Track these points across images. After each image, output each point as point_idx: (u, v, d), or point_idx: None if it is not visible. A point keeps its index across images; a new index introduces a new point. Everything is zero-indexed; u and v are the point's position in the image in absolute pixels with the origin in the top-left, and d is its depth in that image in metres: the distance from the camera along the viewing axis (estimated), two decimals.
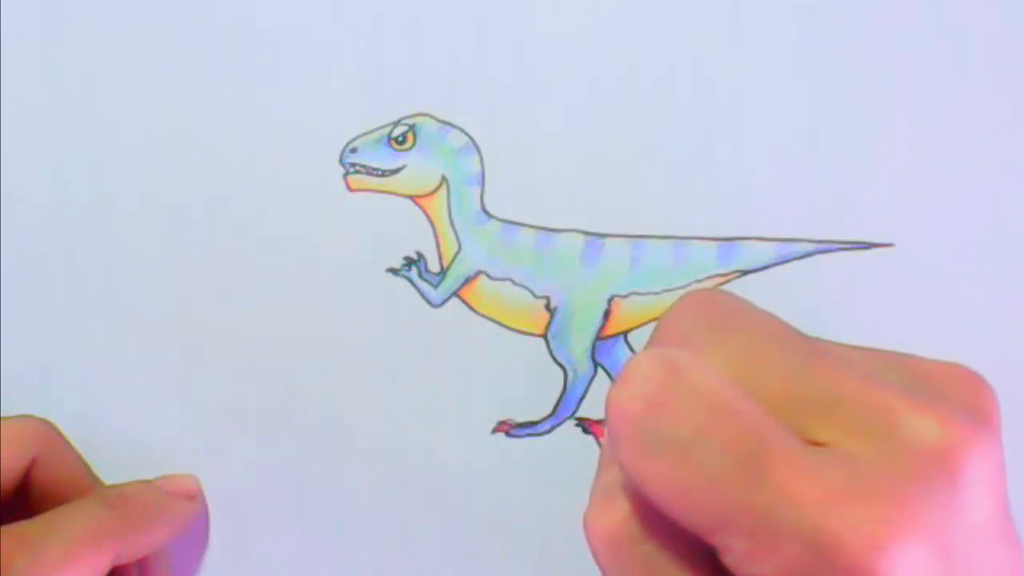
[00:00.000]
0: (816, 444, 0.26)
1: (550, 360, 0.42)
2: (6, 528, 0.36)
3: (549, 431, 0.42)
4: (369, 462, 0.43)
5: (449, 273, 0.42)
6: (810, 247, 0.41)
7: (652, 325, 0.41)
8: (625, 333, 0.42)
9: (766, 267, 0.42)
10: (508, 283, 0.42)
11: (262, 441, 0.43)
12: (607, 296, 0.42)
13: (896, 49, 0.41)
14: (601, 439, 0.42)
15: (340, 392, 0.43)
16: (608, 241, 0.42)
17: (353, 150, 0.42)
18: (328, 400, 0.43)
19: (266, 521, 0.43)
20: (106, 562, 0.37)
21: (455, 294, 0.42)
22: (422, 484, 0.43)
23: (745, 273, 0.42)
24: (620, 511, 0.28)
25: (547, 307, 0.42)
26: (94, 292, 0.43)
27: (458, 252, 0.42)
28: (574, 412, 0.42)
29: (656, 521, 0.27)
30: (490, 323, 0.42)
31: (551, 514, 0.42)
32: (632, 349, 0.42)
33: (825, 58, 0.41)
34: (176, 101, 0.43)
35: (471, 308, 0.42)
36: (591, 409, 0.43)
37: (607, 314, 0.42)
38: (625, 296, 0.42)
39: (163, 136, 0.43)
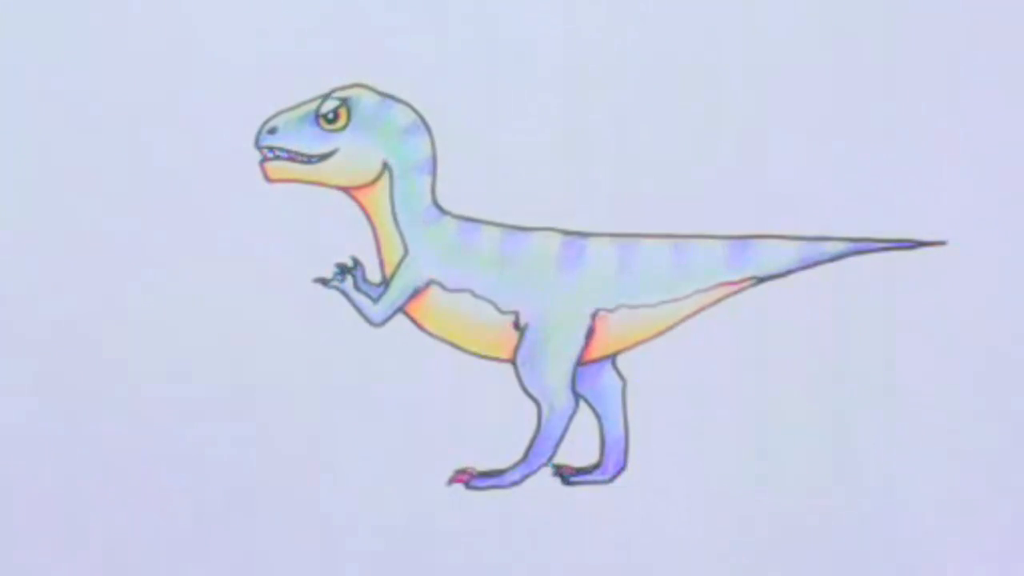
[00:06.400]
0: None
1: (520, 391, 0.41)
2: None
3: (520, 481, 0.41)
4: (292, 520, 0.41)
5: (393, 284, 0.40)
6: (842, 247, 0.40)
7: (646, 347, 0.41)
8: (613, 356, 0.41)
9: (787, 272, 0.40)
10: (467, 295, 0.40)
11: (156, 495, 0.41)
12: (590, 310, 0.40)
13: (949, 24, 0.41)
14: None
15: (255, 433, 0.41)
16: (591, 242, 0.40)
17: (272, 131, 0.40)
18: (241, 444, 0.41)
19: None
20: None
21: (400, 310, 0.41)
22: (360, 546, 0.41)
23: (761, 280, 0.40)
24: None
25: (516, 325, 0.41)
26: None
27: (404, 257, 0.40)
28: (551, 457, 0.41)
29: None
30: (445, 346, 0.41)
31: None
32: (621, 376, 0.41)
33: (864, 24, 0.41)
34: (57, 79, 0.41)
35: (421, 327, 0.41)
36: (572, 453, 0.41)
37: (590, 332, 0.40)
38: (612, 310, 0.40)
39: (46, 120, 0.41)
